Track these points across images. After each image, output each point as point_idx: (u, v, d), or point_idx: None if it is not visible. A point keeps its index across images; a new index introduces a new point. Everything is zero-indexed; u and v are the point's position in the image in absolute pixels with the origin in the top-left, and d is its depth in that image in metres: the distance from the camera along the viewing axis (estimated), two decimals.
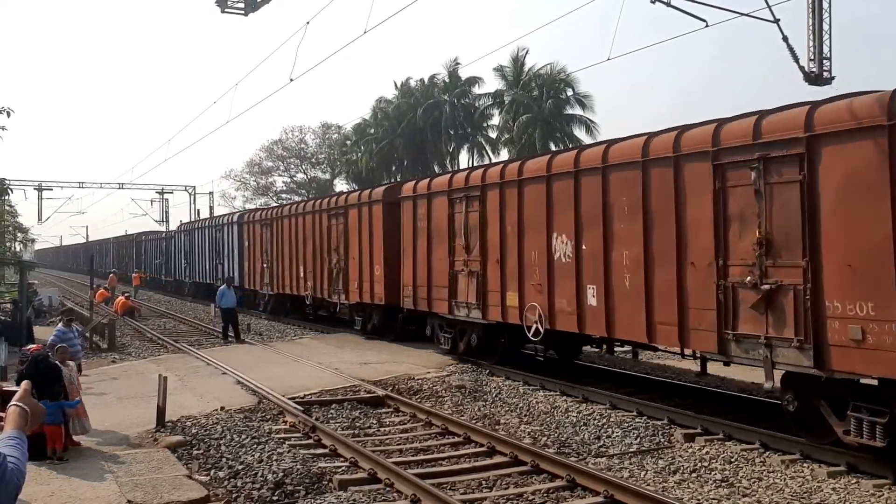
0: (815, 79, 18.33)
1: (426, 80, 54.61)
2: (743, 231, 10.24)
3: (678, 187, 11.17)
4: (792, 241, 9.56)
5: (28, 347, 13.05)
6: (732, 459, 9.51)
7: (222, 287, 24.69)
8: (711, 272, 10.60)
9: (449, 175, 18.83)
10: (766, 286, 9.80)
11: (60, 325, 14.10)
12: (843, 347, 8.92)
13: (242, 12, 17.78)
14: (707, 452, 9.84)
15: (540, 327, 14.11)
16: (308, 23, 16.50)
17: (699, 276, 10.84)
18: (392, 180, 53.30)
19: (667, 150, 11.37)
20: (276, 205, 48.23)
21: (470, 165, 46.33)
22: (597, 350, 17.42)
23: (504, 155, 48.73)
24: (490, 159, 48.78)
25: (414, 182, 19.69)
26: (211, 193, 66.18)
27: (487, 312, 15.77)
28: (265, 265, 29.53)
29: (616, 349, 16.68)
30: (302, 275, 26.26)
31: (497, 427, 11.57)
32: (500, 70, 49.18)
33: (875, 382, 8.94)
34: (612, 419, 11.66)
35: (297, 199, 66.83)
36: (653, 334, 11.76)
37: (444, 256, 17.25)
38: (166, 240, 49.22)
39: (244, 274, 32.12)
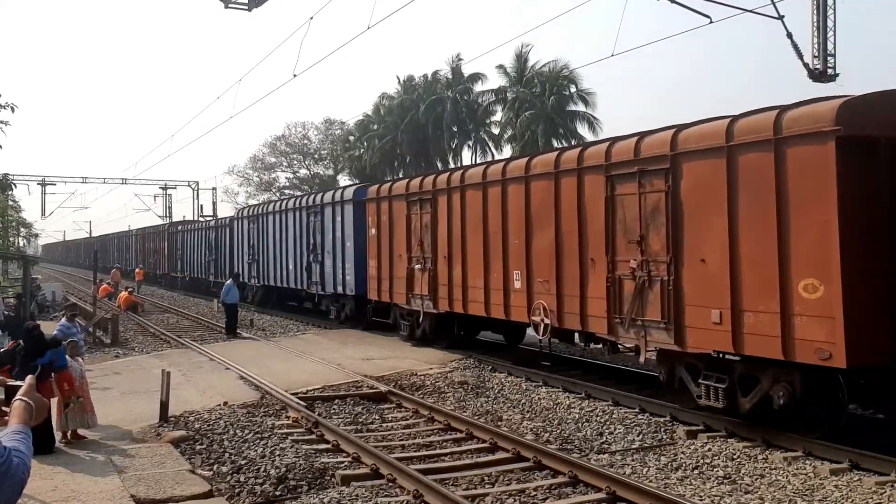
0: (819, 75, 18.33)
1: (429, 76, 54.56)
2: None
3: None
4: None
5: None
6: (735, 456, 9.52)
7: (229, 282, 25.01)
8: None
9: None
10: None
11: (64, 319, 14.14)
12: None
13: (246, 7, 17.78)
14: (709, 449, 9.84)
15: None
16: (312, 18, 16.55)
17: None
18: (394, 176, 53.32)
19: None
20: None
21: (473, 162, 46.36)
22: (599, 346, 17.36)
23: (507, 151, 48.71)
24: (493, 156, 48.76)
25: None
26: (214, 189, 66.30)
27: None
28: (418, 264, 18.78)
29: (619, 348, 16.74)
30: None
31: (499, 423, 11.59)
32: (502, 67, 49.15)
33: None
34: (614, 416, 11.67)
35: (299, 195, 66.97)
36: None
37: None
38: (218, 229, 38.29)
39: (373, 278, 21.13)
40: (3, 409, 2.72)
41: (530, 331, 15.56)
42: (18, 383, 2.77)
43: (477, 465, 9.43)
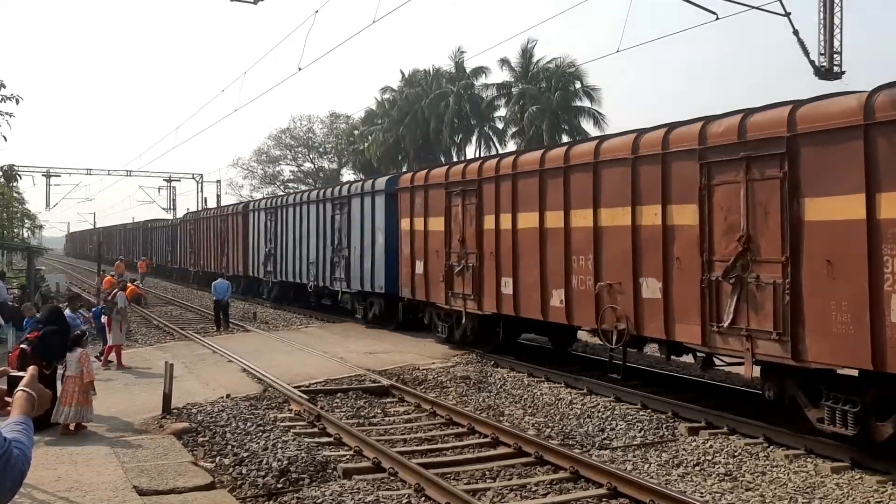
0: (825, 73, 18.24)
1: (431, 71, 54.43)
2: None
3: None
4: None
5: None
6: (736, 453, 9.52)
7: (221, 279, 25.08)
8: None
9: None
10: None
11: (67, 310, 14.16)
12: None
13: (251, 1, 17.74)
14: (711, 446, 9.84)
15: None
16: (317, 12, 16.53)
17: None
18: (397, 170, 53.24)
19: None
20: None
21: (477, 156, 46.23)
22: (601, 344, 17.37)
23: (512, 147, 48.59)
24: (497, 151, 48.63)
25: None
26: (218, 182, 66.27)
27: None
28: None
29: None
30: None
31: (501, 418, 11.60)
32: (506, 61, 49.03)
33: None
34: (616, 411, 11.67)
35: (303, 188, 66.97)
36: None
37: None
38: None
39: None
40: (6, 399, 2.72)
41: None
42: (20, 374, 2.77)
43: (478, 460, 9.45)
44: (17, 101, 20.01)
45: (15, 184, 34.34)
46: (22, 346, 11.17)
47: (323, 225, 25.23)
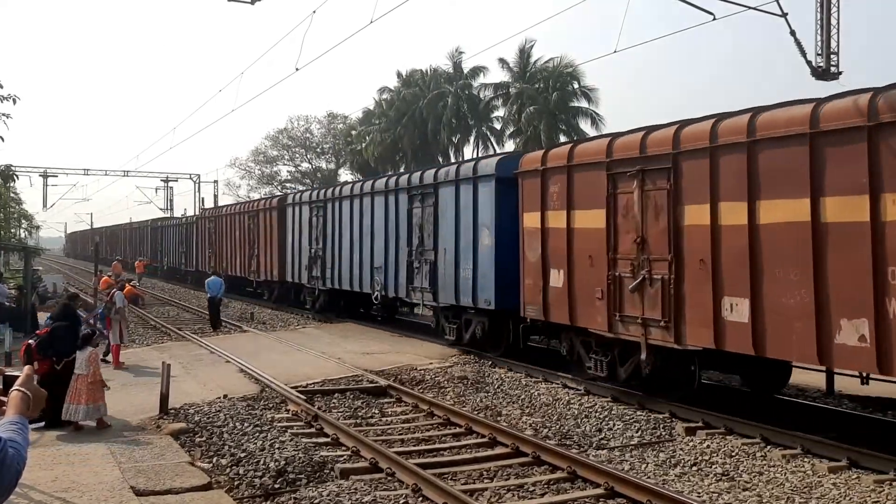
0: (822, 73, 18.23)
1: (429, 71, 54.42)
2: None
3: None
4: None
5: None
6: (733, 453, 9.52)
7: (214, 276, 25.07)
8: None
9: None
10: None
11: None
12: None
13: (249, 1, 17.71)
14: (708, 446, 9.85)
15: None
16: (314, 12, 16.49)
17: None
18: (396, 171, 53.20)
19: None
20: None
21: (477, 156, 46.16)
22: None
23: (510, 147, 48.60)
24: (495, 151, 48.61)
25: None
26: (215, 182, 66.41)
27: None
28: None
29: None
30: None
31: (499, 418, 11.60)
32: (505, 62, 49.06)
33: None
34: (613, 412, 11.67)
35: (301, 188, 66.88)
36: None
37: None
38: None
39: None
40: (1, 398, 2.71)
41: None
42: (16, 373, 2.76)
43: (476, 460, 9.45)
44: (14, 101, 19.95)
45: (12, 184, 34.26)
46: (29, 341, 11.29)
47: (397, 221, 20.49)
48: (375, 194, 21.98)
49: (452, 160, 48.29)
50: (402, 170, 49.85)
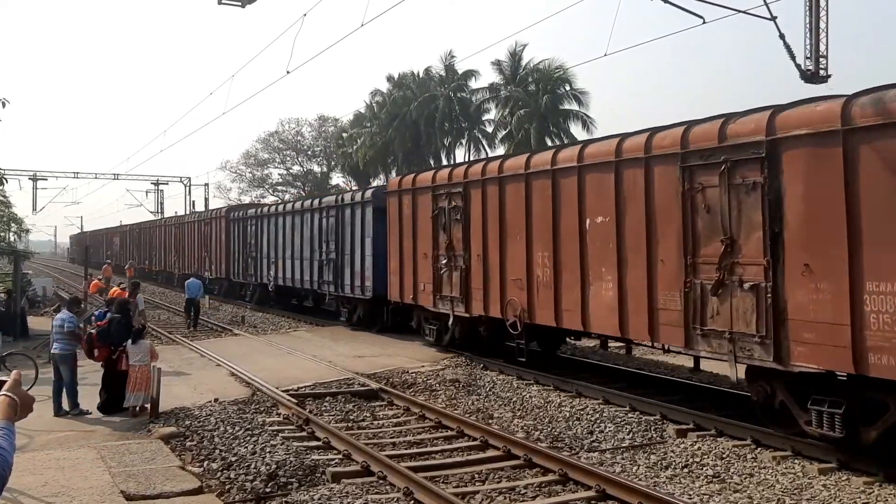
0: (811, 77, 18.32)
1: (420, 74, 54.43)
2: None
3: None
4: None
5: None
6: (724, 455, 9.55)
7: (193, 278, 26.56)
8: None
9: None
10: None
11: (65, 312, 14.00)
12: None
13: (239, 4, 17.63)
14: (699, 448, 9.87)
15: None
16: (305, 15, 16.47)
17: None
18: (387, 174, 53.19)
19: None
20: None
21: (468, 160, 46.19)
22: (591, 346, 17.46)
23: (501, 150, 48.62)
24: (487, 154, 48.68)
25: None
26: (206, 185, 66.10)
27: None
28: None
29: (610, 345, 16.84)
30: None
31: (490, 421, 11.60)
32: (497, 64, 49.10)
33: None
34: (604, 414, 11.69)
35: (292, 191, 66.69)
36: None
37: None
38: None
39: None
40: None
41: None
42: (3, 379, 2.75)
43: (467, 463, 9.45)
44: (4, 105, 19.82)
45: (1, 187, 34.05)
46: (90, 331, 12.89)
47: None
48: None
49: (444, 163, 48.31)
50: (392, 173, 49.94)
